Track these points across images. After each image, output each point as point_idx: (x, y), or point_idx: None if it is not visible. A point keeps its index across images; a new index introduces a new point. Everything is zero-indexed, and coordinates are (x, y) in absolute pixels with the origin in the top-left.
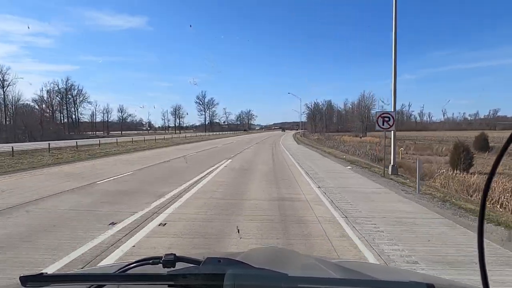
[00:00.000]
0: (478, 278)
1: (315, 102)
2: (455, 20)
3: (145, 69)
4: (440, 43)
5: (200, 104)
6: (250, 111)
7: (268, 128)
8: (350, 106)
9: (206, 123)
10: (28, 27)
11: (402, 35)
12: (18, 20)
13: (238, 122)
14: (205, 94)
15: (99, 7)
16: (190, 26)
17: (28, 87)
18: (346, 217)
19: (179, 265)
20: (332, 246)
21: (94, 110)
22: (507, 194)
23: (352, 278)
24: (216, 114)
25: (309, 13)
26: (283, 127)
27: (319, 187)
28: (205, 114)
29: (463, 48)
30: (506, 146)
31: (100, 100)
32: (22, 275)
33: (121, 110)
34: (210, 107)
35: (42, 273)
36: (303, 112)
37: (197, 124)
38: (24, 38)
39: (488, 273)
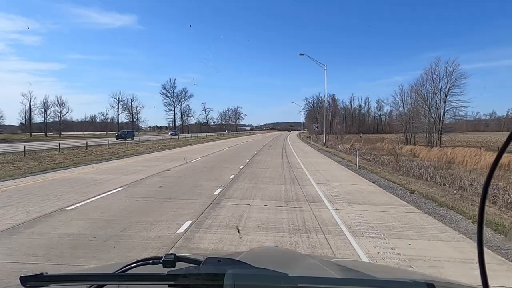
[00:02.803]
0: None
1: (317, 96)
2: (444, 22)
3: (136, 68)
4: (429, 45)
5: (168, 97)
6: (238, 108)
7: (259, 129)
8: (386, 98)
9: (177, 122)
10: (28, 27)
11: (393, 38)
12: (3, 16)
13: (223, 122)
14: (174, 83)
15: (87, 5)
16: (190, 26)
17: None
18: None
19: (179, 265)
20: None
21: (28, 106)
22: None
23: (352, 278)
24: (191, 111)
25: (304, 17)
26: (275, 127)
27: None
28: (174, 110)
29: (453, 50)
30: (505, 147)
31: (95, 100)
32: (22, 275)
33: (59, 104)
34: (182, 100)
35: (42, 273)
36: (302, 110)
37: (195, 123)
38: (10, 35)
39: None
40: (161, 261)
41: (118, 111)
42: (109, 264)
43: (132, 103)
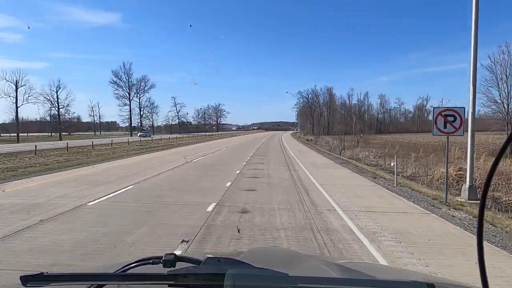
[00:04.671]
0: None
1: (312, 90)
2: (431, 23)
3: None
4: (415, 46)
5: (120, 87)
6: (219, 105)
7: (246, 129)
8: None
9: (134, 120)
10: (29, 27)
11: (378, 38)
12: None
13: (201, 121)
14: (130, 68)
15: (72, 2)
16: (190, 26)
17: None
18: None
19: (179, 265)
20: None
21: None
22: None
23: (352, 278)
24: (156, 106)
25: (304, 17)
26: (262, 127)
27: None
28: (130, 104)
29: (437, 51)
30: (505, 146)
31: (83, 100)
32: (22, 275)
33: None
34: (139, 92)
35: (42, 273)
36: (294, 106)
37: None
38: None
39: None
40: (161, 261)
41: (16, 102)
42: (109, 264)
43: (59, 93)
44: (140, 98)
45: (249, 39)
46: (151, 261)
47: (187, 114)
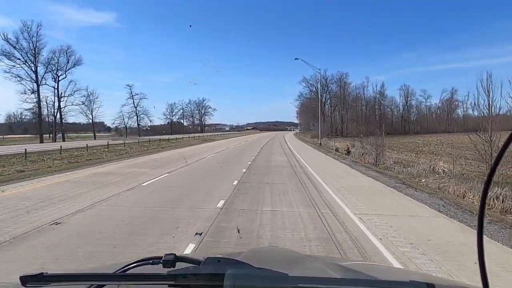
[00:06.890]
0: None
1: (323, 76)
2: (424, 22)
3: (114, 67)
4: (409, 45)
5: (19, 62)
6: (204, 101)
7: (239, 129)
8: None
9: (51, 117)
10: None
11: (377, 38)
12: None
13: (175, 120)
14: (38, 33)
15: (63, 1)
16: (190, 26)
17: None
18: None
19: (179, 265)
20: None
21: None
22: None
23: (352, 278)
24: (95, 97)
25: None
26: (257, 127)
27: None
28: (38, 90)
29: (430, 51)
30: (506, 146)
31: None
32: (22, 275)
33: None
34: (56, 71)
35: (42, 273)
36: (297, 98)
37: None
38: None
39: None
40: (161, 261)
41: None
42: (109, 264)
43: None
44: (58, 81)
45: (249, 39)
46: (151, 261)
47: (148, 110)
